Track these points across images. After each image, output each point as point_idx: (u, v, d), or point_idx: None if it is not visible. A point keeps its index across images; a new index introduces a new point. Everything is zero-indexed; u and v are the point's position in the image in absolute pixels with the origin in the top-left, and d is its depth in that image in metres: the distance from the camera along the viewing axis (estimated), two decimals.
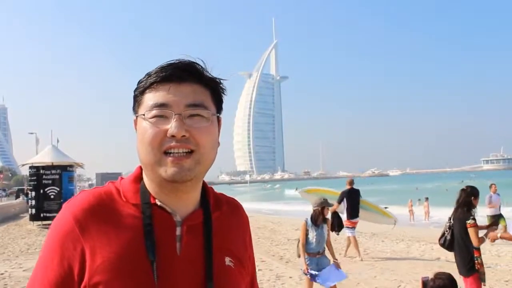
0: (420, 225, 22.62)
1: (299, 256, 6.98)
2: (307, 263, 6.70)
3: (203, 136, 1.15)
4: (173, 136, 1.11)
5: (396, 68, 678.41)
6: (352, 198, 11.59)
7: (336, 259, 6.91)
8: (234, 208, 1.37)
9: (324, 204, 6.96)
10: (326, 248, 7.03)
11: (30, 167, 21.17)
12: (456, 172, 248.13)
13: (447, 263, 10.67)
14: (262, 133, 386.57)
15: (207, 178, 1.32)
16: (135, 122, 1.21)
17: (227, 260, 1.22)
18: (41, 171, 20.43)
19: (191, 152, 1.14)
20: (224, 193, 1.42)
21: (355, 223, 11.56)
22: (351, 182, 11.89)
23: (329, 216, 7.46)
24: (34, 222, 20.53)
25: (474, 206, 5.78)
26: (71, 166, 21.54)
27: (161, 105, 1.14)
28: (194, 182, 1.19)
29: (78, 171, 25.37)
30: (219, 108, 1.25)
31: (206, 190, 1.30)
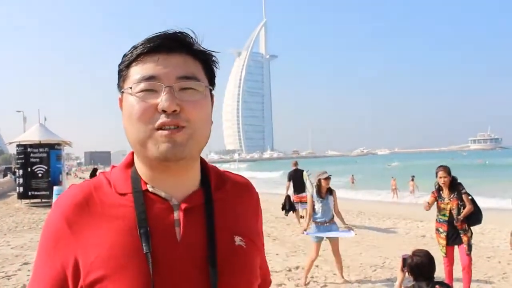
0: (406, 204, 22.81)
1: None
2: (316, 230, 7.13)
3: (196, 110, 1.07)
4: (163, 111, 1.03)
5: (384, 48, 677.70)
6: (296, 177, 13.36)
7: (347, 225, 7.42)
8: (240, 186, 1.28)
9: (320, 177, 7.37)
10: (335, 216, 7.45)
11: (18, 145, 20.88)
12: (444, 152, 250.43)
13: (432, 240, 10.83)
14: (251, 112, 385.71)
15: None
16: (121, 100, 1.12)
17: (237, 239, 1.14)
18: (29, 149, 20.22)
19: (183, 127, 1.05)
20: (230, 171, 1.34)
21: (302, 197, 13.12)
22: (296, 164, 13.70)
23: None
24: (22, 200, 20.39)
25: (437, 182, 6.39)
26: (59, 144, 21.30)
27: (149, 78, 1.05)
28: (188, 161, 1.10)
29: (66, 149, 25.16)
30: (211, 82, 1.16)
31: (206, 169, 1.22)
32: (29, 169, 20.05)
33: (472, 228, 6.20)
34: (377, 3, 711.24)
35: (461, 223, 6.07)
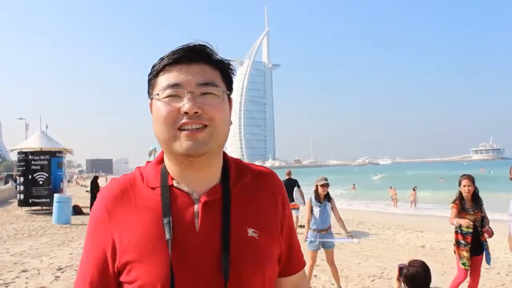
0: (407, 214, 22.80)
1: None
2: (312, 238, 7.17)
3: (215, 111, 1.21)
4: (186, 113, 1.17)
5: (385, 56, 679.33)
6: (290, 186, 13.79)
7: (349, 232, 7.45)
8: (260, 177, 1.39)
9: (317, 183, 7.46)
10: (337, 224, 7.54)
11: (19, 153, 20.85)
12: (446, 162, 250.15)
13: (432, 250, 10.85)
14: (253, 120, 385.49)
15: None
16: (151, 105, 1.27)
17: (250, 231, 1.25)
18: (30, 157, 20.22)
19: (204, 127, 1.19)
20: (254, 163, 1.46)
21: (294, 205, 13.55)
22: (289, 173, 14.62)
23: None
24: (23, 207, 20.38)
25: (459, 192, 6.11)
26: (60, 152, 21.29)
27: (173, 85, 1.20)
28: (210, 156, 1.23)
29: (68, 157, 25.17)
30: (229, 88, 1.32)
31: (228, 163, 1.35)
32: (30, 177, 20.02)
33: None
34: (377, 10, 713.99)
35: (484, 234, 5.93)
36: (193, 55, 1.23)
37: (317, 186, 7.44)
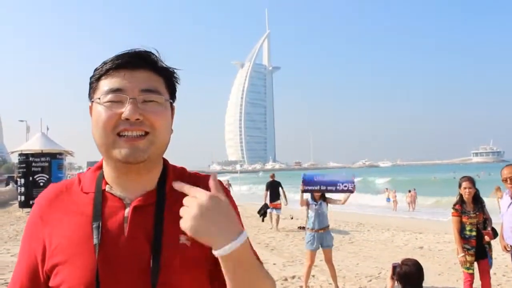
0: (407, 217, 22.83)
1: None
2: (310, 238, 7.27)
3: (157, 119, 1.19)
4: (127, 119, 1.16)
5: (385, 59, 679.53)
6: (273, 186, 15.86)
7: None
8: (197, 183, 1.24)
9: None
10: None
11: (20, 155, 21.04)
12: (447, 165, 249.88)
13: (429, 251, 10.90)
14: (253, 123, 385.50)
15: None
16: (91, 108, 1.26)
17: (183, 238, 1.19)
18: (31, 159, 20.37)
19: (145, 134, 1.18)
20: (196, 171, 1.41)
21: (276, 204, 15.64)
22: (273, 176, 16.31)
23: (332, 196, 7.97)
24: (23, 209, 20.47)
25: (460, 195, 5.98)
26: (60, 154, 21.45)
27: (116, 90, 1.18)
28: (148, 164, 1.21)
29: (69, 159, 25.25)
30: (172, 96, 1.29)
31: (167, 170, 1.32)
32: (30, 178, 20.15)
33: None
34: (378, 12, 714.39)
35: (485, 237, 5.80)
36: (138, 61, 1.21)
37: None
